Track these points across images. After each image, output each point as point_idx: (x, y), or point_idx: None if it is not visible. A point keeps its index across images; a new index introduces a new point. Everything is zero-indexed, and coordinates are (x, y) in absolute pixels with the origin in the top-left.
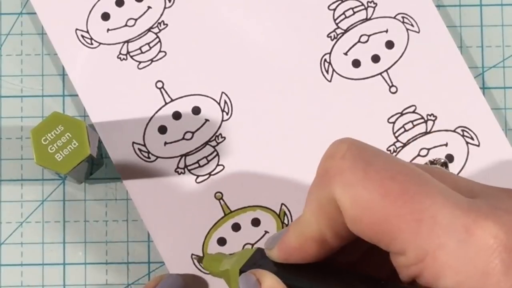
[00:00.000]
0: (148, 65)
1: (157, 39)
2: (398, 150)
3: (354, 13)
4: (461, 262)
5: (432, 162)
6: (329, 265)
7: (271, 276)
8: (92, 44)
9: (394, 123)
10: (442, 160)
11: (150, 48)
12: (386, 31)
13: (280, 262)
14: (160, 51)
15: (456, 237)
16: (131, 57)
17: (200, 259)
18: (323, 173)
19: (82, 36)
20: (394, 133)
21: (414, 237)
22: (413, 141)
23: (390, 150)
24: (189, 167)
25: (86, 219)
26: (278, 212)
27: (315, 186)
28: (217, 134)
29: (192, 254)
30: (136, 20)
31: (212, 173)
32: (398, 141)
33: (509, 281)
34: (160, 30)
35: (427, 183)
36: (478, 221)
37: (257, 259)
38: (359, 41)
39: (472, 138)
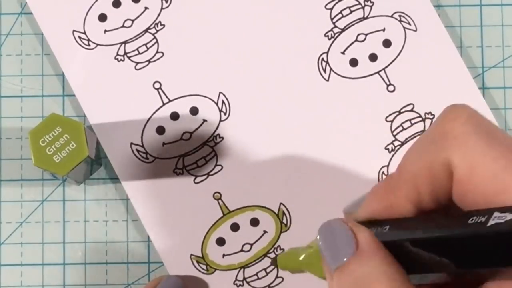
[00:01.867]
0: (145, 66)
1: (154, 40)
2: (396, 148)
3: (351, 12)
4: None
5: None
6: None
7: (365, 228)
8: (89, 45)
9: (392, 121)
10: None
11: (148, 49)
12: (383, 29)
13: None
14: (157, 52)
15: None
16: (129, 58)
17: (273, 262)
18: (441, 135)
19: (79, 37)
20: (392, 132)
21: None
22: (411, 139)
23: (388, 149)
24: (187, 168)
25: (86, 219)
26: (276, 212)
27: (425, 146)
28: (215, 134)
29: (191, 255)
30: (133, 21)
31: (211, 173)
32: (396, 139)
33: None
34: (157, 31)
35: None
36: None
37: None
38: (356, 40)
39: None
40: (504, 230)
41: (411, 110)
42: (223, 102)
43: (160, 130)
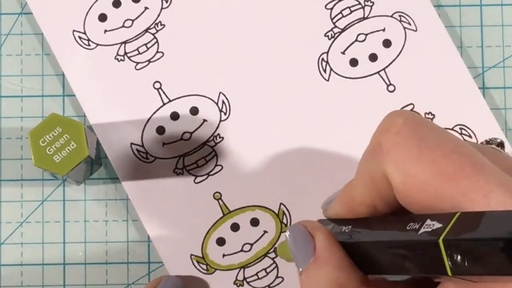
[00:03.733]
0: (145, 66)
1: (155, 40)
2: None
3: (351, 12)
4: None
5: (488, 142)
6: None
7: (324, 229)
8: (89, 45)
9: None
10: (499, 140)
11: (148, 48)
12: (384, 29)
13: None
14: (157, 52)
15: None
16: (129, 58)
17: (275, 250)
18: (377, 146)
19: (80, 37)
20: None
21: None
22: None
23: None
24: (187, 168)
25: (86, 219)
26: (276, 212)
27: (368, 158)
28: (215, 134)
29: (192, 255)
30: (133, 21)
31: (211, 173)
32: None
33: None
34: (157, 31)
35: (481, 163)
36: None
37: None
38: (356, 40)
39: (470, 136)
40: (427, 240)
41: (411, 110)
42: (223, 102)
43: (160, 130)
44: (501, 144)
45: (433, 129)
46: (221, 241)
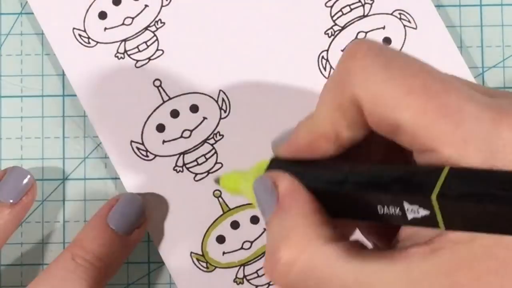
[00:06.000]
0: (145, 63)
1: (155, 38)
2: None
3: (351, 10)
4: (489, 154)
5: None
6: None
7: (287, 177)
8: (89, 43)
9: None
10: None
11: (148, 46)
12: (384, 27)
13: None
14: (157, 50)
15: (485, 129)
16: (129, 55)
17: (217, 180)
18: (344, 72)
19: (80, 35)
20: None
21: (441, 131)
22: None
23: None
24: (187, 165)
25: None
26: None
27: (333, 85)
28: (215, 132)
29: (192, 252)
30: (133, 18)
31: (211, 171)
32: None
33: None
34: (157, 29)
35: (450, 80)
36: (502, 114)
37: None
38: (356, 38)
39: None
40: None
41: None
42: (223, 99)
43: (160, 127)
44: None
45: (398, 53)
46: (221, 239)
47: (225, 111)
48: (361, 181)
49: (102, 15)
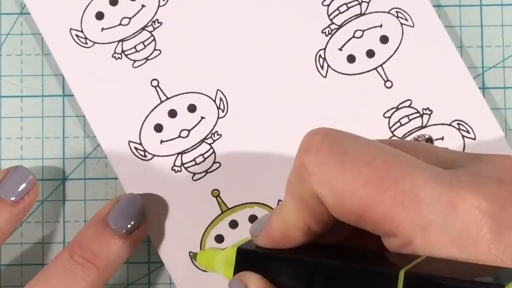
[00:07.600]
0: (143, 63)
1: (152, 38)
2: None
3: (348, 8)
4: (451, 237)
5: (416, 139)
6: (317, 244)
7: (256, 277)
8: (86, 43)
9: (390, 117)
10: (427, 136)
11: (145, 46)
12: (381, 26)
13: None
14: (154, 50)
15: (442, 213)
16: (126, 56)
17: (194, 257)
18: (301, 168)
19: (77, 36)
20: (390, 128)
21: (401, 220)
22: (409, 135)
23: None
24: (185, 165)
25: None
26: None
27: (294, 180)
28: (213, 131)
29: (190, 252)
30: (130, 19)
31: (209, 170)
32: (394, 135)
33: (500, 247)
34: (154, 29)
35: (406, 163)
36: (460, 194)
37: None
38: (353, 37)
39: (468, 132)
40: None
41: (409, 106)
42: (220, 99)
43: (158, 127)
44: (429, 139)
45: (353, 140)
46: (219, 239)
47: (223, 111)
48: (328, 275)
49: (99, 16)
